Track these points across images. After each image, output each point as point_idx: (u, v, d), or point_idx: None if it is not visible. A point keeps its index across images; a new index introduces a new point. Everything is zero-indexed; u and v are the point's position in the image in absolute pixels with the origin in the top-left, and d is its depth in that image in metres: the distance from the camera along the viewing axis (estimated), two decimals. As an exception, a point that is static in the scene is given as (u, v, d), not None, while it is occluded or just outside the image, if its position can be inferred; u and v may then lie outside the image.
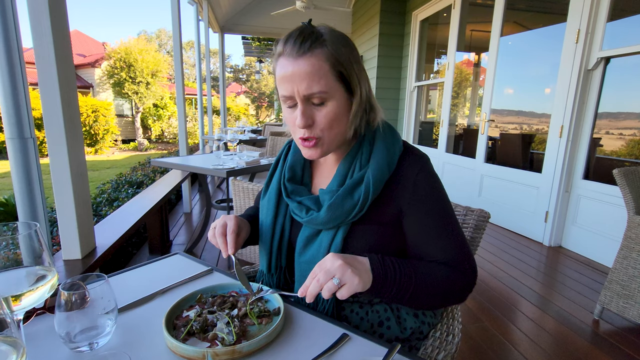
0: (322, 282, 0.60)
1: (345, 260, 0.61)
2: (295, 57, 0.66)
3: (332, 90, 0.68)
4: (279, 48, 0.69)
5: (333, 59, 0.67)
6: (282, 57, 0.68)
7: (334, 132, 0.71)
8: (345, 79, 0.69)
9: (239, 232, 0.79)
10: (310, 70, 0.66)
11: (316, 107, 0.69)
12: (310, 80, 0.66)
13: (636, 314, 1.65)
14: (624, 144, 3.68)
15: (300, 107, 0.69)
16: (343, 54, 0.68)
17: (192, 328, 0.61)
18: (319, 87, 0.66)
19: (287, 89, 0.68)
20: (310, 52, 0.66)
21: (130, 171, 4.59)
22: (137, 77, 13.87)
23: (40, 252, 0.52)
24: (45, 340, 0.59)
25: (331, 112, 0.69)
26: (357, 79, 0.71)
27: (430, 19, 4.83)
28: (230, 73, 28.52)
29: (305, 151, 0.74)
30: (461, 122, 5.80)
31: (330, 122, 0.70)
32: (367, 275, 0.63)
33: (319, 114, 0.69)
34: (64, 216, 1.39)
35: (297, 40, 0.66)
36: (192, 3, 4.96)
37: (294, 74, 0.66)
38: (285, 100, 0.71)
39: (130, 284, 0.80)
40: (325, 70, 0.66)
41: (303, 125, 0.69)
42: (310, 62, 0.66)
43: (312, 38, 0.66)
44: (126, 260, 2.68)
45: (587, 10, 2.60)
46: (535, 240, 3.07)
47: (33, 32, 1.24)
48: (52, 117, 1.29)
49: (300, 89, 0.67)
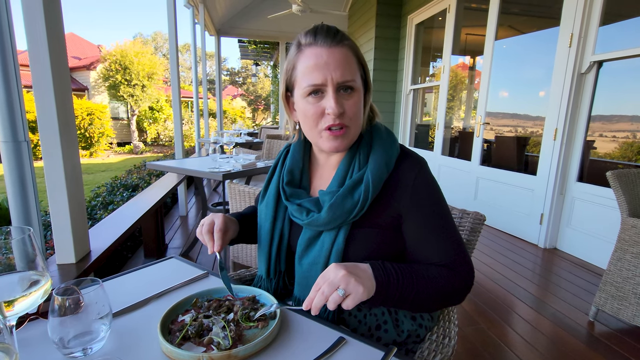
0: (327, 294, 0.59)
1: (348, 270, 0.61)
2: (330, 46, 0.70)
3: (358, 81, 0.73)
4: (307, 39, 0.72)
5: (358, 54, 0.74)
6: (314, 47, 0.71)
7: (357, 123, 0.75)
8: (365, 74, 0.76)
9: (226, 230, 0.79)
10: (344, 58, 0.70)
11: (344, 96, 0.72)
12: (344, 69, 0.70)
13: (630, 315, 1.66)
14: (617, 147, 3.72)
15: (333, 95, 0.70)
16: (360, 52, 0.75)
17: (188, 332, 0.60)
18: (351, 76, 0.71)
19: (318, 77, 0.70)
20: (342, 43, 0.71)
21: (125, 174, 4.56)
22: (133, 80, 13.83)
23: (34, 257, 0.52)
24: (39, 346, 0.59)
25: (357, 102, 0.73)
26: (369, 77, 0.77)
27: (426, 22, 4.87)
28: (226, 76, 28.51)
29: (331, 142, 0.74)
30: (457, 125, 5.83)
31: (356, 111, 0.73)
32: (370, 282, 0.63)
33: (347, 102, 0.72)
34: (58, 220, 1.37)
35: (329, 32, 0.71)
36: (189, 6, 4.96)
37: (329, 62, 0.69)
38: (313, 90, 0.71)
39: (125, 288, 0.80)
40: (354, 61, 0.72)
41: (338, 111, 0.70)
42: (344, 51, 0.71)
43: (340, 33, 0.72)
44: (121, 264, 2.65)
45: (579, 14, 2.63)
46: (531, 242, 3.09)
47: (28, 34, 1.23)
48: (47, 120, 1.28)
49: (335, 75, 0.69)
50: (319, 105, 0.71)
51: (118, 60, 13.61)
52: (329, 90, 0.70)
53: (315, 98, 0.71)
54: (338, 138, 0.73)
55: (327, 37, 0.70)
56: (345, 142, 0.75)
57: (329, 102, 0.70)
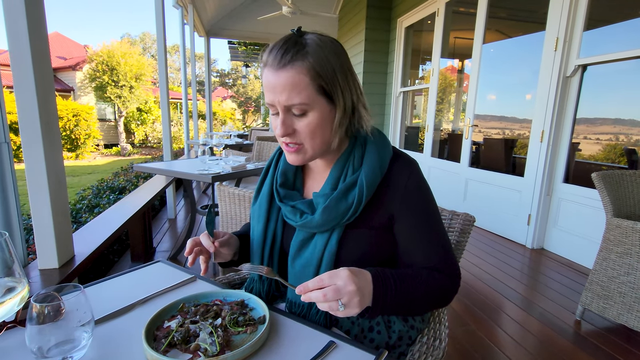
0: (329, 298, 0.58)
1: (358, 287, 0.59)
2: (276, 69, 0.67)
3: (313, 102, 0.68)
4: (264, 57, 0.70)
5: (313, 72, 0.67)
6: (266, 68, 0.69)
7: (317, 141, 0.72)
8: (331, 90, 0.69)
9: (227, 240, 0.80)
10: (290, 82, 0.66)
11: (297, 117, 0.70)
12: (290, 92, 0.66)
13: (615, 313, 1.69)
14: (601, 149, 3.82)
15: (280, 116, 0.70)
16: (326, 66, 0.67)
17: (174, 339, 0.59)
18: (299, 99, 0.67)
19: (269, 97, 0.70)
20: (290, 64, 0.66)
21: (112, 177, 4.48)
22: (120, 81, 13.61)
23: (11, 263, 0.50)
24: (16, 355, 0.56)
25: (312, 123, 0.70)
26: (340, 91, 0.70)
27: (415, 25, 4.92)
28: (216, 77, 28.32)
29: (288, 156, 0.76)
30: (446, 127, 5.90)
31: (312, 132, 0.70)
32: (367, 302, 0.62)
33: (299, 123, 0.70)
34: (40, 223, 1.33)
35: (279, 52, 0.67)
36: (177, 7, 4.91)
37: (275, 85, 0.67)
38: (270, 108, 0.72)
39: (109, 293, 0.77)
40: (305, 83, 0.66)
41: (282, 134, 0.71)
42: (289, 75, 0.66)
43: (294, 50, 0.66)
44: (107, 268, 2.60)
45: (564, 19, 2.69)
46: (519, 242, 3.13)
47: (8, 32, 1.19)
48: (28, 121, 1.24)
49: (281, 99, 0.68)
50: (275, 121, 0.72)
51: (105, 60, 13.38)
52: (279, 111, 0.70)
53: (275, 115, 0.72)
54: (293, 154, 0.74)
55: (275, 58, 0.67)
56: (300, 158, 0.74)
57: (278, 123, 0.70)
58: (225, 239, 0.79)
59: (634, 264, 1.62)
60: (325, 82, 0.68)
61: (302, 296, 0.59)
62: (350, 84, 0.72)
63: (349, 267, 0.62)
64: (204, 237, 0.76)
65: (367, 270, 0.65)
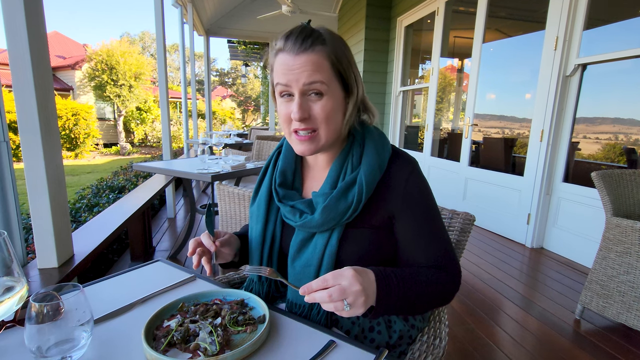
0: (334, 298, 0.57)
1: (363, 287, 0.59)
2: (296, 53, 0.68)
3: (330, 84, 0.70)
4: (279, 44, 0.70)
5: (333, 57, 0.70)
6: (283, 53, 0.69)
7: (331, 127, 0.72)
8: (343, 78, 0.72)
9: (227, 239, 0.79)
10: (311, 64, 0.68)
11: (313, 100, 0.70)
12: (311, 71, 0.68)
13: (615, 312, 1.69)
14: (600, 148, 3.81)
15: (297, 99, 0.69)
16: (342, 54, 0.71)
17: (173, 338, 0.58)
18: (320, 77, 0.68)
19: (286, 79, 0.69)
20: (311, 49, 0.68)
21: (111, 176, 4.47)
22: (120, 80, 13.58)
23: (9, 262, 0.50)
24: (15, 355, 0.56)
25: (328, 106, 0.70)
26: (354, 79, 0.74)
27: (415, 25, 4.91)
28: (215, 77, 28.28)
29: (298, 146, 0.74)
30: (445, 126, 5.90)
31: (327, 115, 0.70)
32: (370, 302, 0.61)
33: (315, 106, 0.70)
34: (39, 223, 1.33)
35: (298, 38, 0.68)
36: (177, 6, 4.90)
37: (293, 67, 0.68)
38: (282, 92, 0.71)
39: (108, 293, 0.77)
40: (325, 66, 0.69)
41: (299, 117, 0.69)
42: (310, 57, 0.68)
43: (313, 37, 0.69)
44: (107, 267, 2.59)
45: (564, 18, 2.69)
46: (518, 242, 3.14)
47: (7, 31, 1.19)
48: (27, 120, 1.24)
49: (299, 80, 0.68)
50: (289, 107, 0.71)
51: (104, 59, 13.34)
52: (295, 94, 0.70)
53: (286, 99, 0.72)
54: (305, 142, 0.73)
55: (295, 43, 0.68)
56: (313, 146, 0.73)
57: (294, 107, 0.70)
58: (226, 238, 0.79)
59: (634, 263, 1.62)
60: (343, 68, 0.71)
61: (306, 297, 0.59)
62: (358, 78, 0.76)
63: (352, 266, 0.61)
64: (205, 237, 0.75)
65: (370, 269, 0.65)
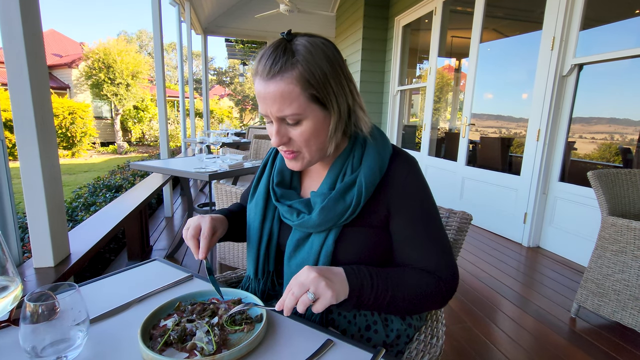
0: (297, 295, 0.60)
1: (320, 273, 0.61)
2: (265, 80, 0.66)
3: (306, 111, 0.67)
4: (255, 66, 0.70)
5: (304, 81, 0.64)
6: (256, 77, 0.68)
7: (313, 148, 0.71)
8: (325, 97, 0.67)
9: (213, 233, 0.76)
10: (280, 93, 0.65)
11: (291, 125, 0.69)
12: (281, 104, 0.65)
13: (610, 311, 1.71)
14: (596, 148, 3.84)
15: (275, 126, 0.69)
16: (317, 73, 0.65)
17: (170, 338, 0.58)
18: (290, 110, 0.66)
19: (262, 108, 0.69)
20: (280, 75, 0.64)
21: (108, 175, 4.45)
22: (117, 79, 13.51)
23: (4, 262, 0.49)
24: (10, 354, 0.56)
25: (307, 131, 0.68)
26: (333, 96, 0.68)
27: (412, 24, 4.91)
28: (213, 75, 28.17)
29: (288, 162, 0.76)
30: (443, 126, 5.91)
31: (306, 140, 0.69)
32: (342, 286, 0.63)
33: (294, 132, 0.69)
34: (35, 222, 1.32)
35: (268, 61, 0.65)
36: (174, 4, 4.88)
37: (266, 96, 0.66)
38: (264, 116, 0.72)
39: (105, 292, 0.77)
40: (296, 93, 0.65)
41: (277, 143, 0.70)
42: (279, 85, 0.64)
43: (283, 59, 0.64)
44: (103, 267, 2.58)
45: (561, 19, 2.70)
46: (515, 241, 3.15)
47: (2, 29, 1.18)
48: (23, 119, 1.23)
49: (272, 110, 0.67)
50: (271, 129, 0.71)
51: (101, 58, 13.27)
52: (273, 120, 0.69)
53: (268, 120, 0.71)
54: (291, 160, 0.74)
55: (265, 67, 0.65)
56: (299, 164, 0.74)
57: (273, 132, 0.70)
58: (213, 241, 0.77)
59: (629, 262, 1.64)
60: (317, 90, 0.66)
61: (284, 311, 0.61)
62: (345, 87, 0.70)
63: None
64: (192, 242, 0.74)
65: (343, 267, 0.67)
